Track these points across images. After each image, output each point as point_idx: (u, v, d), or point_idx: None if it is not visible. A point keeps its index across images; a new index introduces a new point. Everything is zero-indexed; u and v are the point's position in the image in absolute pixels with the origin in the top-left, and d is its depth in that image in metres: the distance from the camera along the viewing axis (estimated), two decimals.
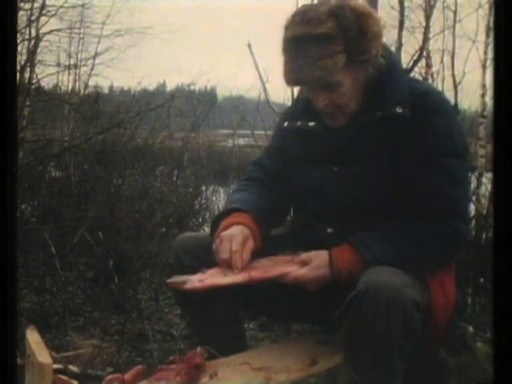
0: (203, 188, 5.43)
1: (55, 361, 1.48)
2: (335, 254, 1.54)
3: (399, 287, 1.40)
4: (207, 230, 1.84)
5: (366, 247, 1.51)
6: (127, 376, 1.44)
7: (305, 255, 1.57)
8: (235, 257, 1.55)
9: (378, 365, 1.43)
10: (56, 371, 1.46)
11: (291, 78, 1.57)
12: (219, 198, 5.49)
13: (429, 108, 1.58)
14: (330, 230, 1.66)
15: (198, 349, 1.52)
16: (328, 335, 1.69)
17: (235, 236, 1.59)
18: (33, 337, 1.50)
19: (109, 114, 4.83)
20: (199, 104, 6.17)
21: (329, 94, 1.58)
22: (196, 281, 1.52)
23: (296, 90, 3.78)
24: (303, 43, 1.52)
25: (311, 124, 1.72)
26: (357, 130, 1.62)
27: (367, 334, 1.41)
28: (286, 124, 1.81)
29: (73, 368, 1.57)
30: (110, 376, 1.43)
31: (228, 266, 1.55)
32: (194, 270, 1.59)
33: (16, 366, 1.32)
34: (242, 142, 7.80)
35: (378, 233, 1.54)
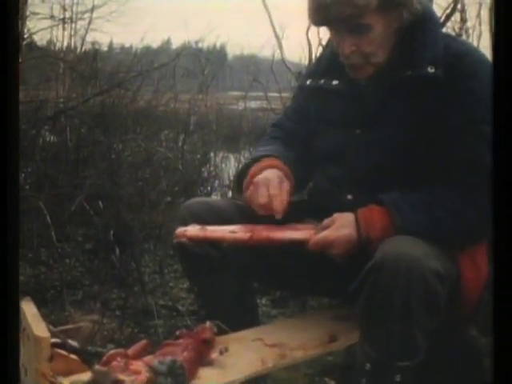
0: (211, 154, 5.42)
1: (53, 335, 1.49)
2: (361, 213, 1.53)
3: (420, 258, 1.39)
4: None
5: (397, 210, 1.50)
6: (131, 351, 1.45)
7: (327, 220, 1.57)
8: (275, 201, 1.60)
9: (396, 341, 1.43)
10: (54, 345, 1.47)
11: (319, 15, 1.56)
12: (229, 165, 5.48)
13: (466, 70, 1.55)
14: (350, 197, 1.66)
15: (208, 323, 1.53)
16: (348, 310, 1.70)
17: (271, 180, 1.64)
18: (29, 309, 1.51)
19: (108, 73, 4.81)
20: (207, 63, 6.15)
21: (357, 38, 1.57)
22: (197, 229, 1.58)
23: (315, 47, 3.77)
24: None
25: (335, 83, 1.72)
26: (383, 91, 1.61)
27: (384, 308, 1.40)
28: (308, 82, 1.81)
29: (72, 342, 1.59)
30: (113, 351, 1.44)
31: (267, 211, 1.60)
32: None
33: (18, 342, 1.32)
34: (253, 104, 7.77)
35: (412, 196, 1.53)
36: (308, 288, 1.88)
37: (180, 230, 1.59)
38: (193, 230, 1.59)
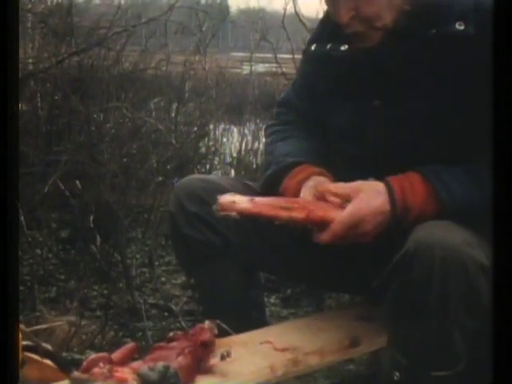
0: (211, 126, 5.43)
1: (24, 336, 1.50)
2: (395, 181, 1.54)
3: (459, 246, 1.40)
4: None
5: (439, 180, 1.51)
6: (115, 356, 1.46)
7: (345, 187, 1.59)
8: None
9: (431, 345, 1.44)
10: (25, 349, 1.49)
11: None
12: (231, 139, 5.49)
13: None
14: (372, 179, 1.66)
15: (206, 323, 1.54)
16: (373, 309, 1.71)
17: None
18: None
19: (86, 29, 4.78)
20: (206, 18, 6.11)
21: (354, 1, 1.57)
22: (246, 200, 1.56)
23: None
24: None
25: (343, 48, 1.71)
26: (402, 55, 1.61)
27: (418, 305, 1.42)
28: (313, 48, 1.81)
29: (46, 345, 1.60)
30: (94, 355, 1.45)
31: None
32: (200, 219, 1.61)
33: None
34: (261, 68, 7.77)
35: (453, 169, 1.54)
36: (324, 282, 1.89)
37: (226, 198, 1.55)
38: (242, 200, 1.56)
